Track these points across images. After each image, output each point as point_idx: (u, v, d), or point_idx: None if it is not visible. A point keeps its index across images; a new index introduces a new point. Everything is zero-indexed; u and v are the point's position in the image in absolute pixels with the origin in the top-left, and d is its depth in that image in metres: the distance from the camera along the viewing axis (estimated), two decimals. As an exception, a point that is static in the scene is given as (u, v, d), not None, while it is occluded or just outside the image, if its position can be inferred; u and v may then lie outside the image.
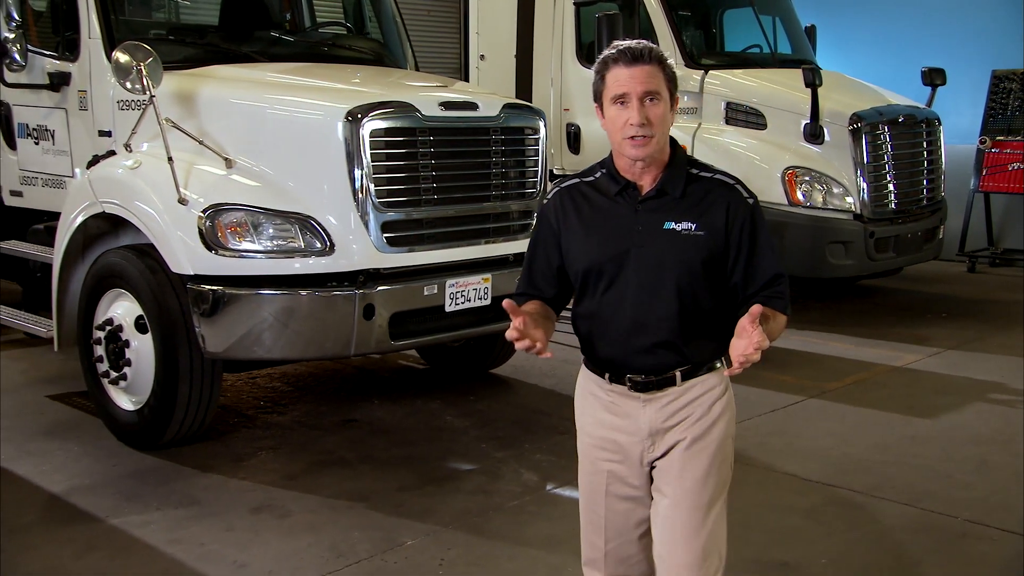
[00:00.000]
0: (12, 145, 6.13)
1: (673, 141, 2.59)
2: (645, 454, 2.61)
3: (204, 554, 3.96)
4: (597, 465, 2.69)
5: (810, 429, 5.53)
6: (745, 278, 2.55)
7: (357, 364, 6.80)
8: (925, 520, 4.31)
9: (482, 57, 9.68)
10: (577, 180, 2.66)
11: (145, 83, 4.75)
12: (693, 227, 2.51)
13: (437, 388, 6.29)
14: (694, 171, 2.57)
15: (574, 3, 8.86)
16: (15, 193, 6.24)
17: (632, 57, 2.45)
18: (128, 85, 4.81)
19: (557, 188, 2.69)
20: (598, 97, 2.55)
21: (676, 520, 2.57)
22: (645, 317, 2.53)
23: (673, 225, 2.51)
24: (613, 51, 2.50)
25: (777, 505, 4.47)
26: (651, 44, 2.50)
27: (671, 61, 2.54)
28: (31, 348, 6.95)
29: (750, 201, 2.57)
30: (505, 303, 2.42)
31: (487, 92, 5.99)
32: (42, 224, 6.07)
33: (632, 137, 2.46)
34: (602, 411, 2.66)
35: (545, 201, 2.71)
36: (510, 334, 2.41)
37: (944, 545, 4.09)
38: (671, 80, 2.50)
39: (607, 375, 2.62)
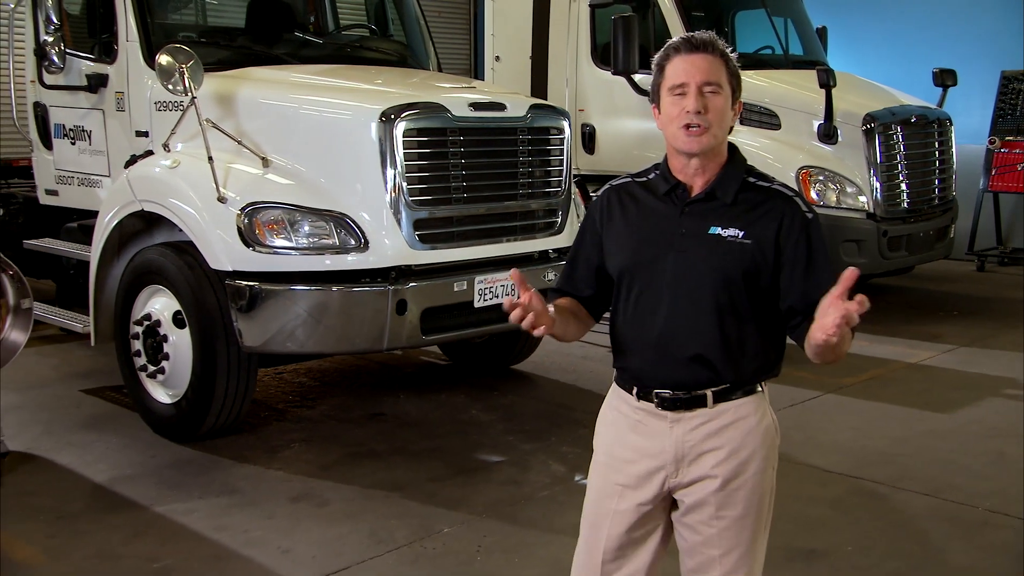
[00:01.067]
0: (48, 145, 6.27)
1: (732, 146, 2.42)
2: (668, 479, 2.43)
3: (249, 540, 4.09)
4: (609, 488, 2.51)
5: (830, 423, 5.64)
6: (803, 299, 2.31)
7: (381, 360, 6.92)
8: (946, 509, 4.43)
9: (497, 58, 9.79)
10: (629, 179, 2.52)
11: (187, 84, 4.88)
12: (740, 234, 2.32)
13: (461, 383, 6.40)
14: (751, 179, 2.40)
15: (589, 5, 8.92)
16: (50, 192, 6.37)
17: (694, 46, 2.30)
18: (170, 87, 4.94)
19: (608, 186, 2.55)
20: (655, 94, 2.37)
21: (712, 560, 2.43)
22: (678, 326, 2.36)
23: (719, 230, 2.33)
24: (675, 40, 2.35)
25: (802, 496, 4.57)
26: (716, 36, 2.34)
27: (735, 55, 2.37)
28: (61, 344, 7.08)
29: (808, 215, 2.37)
30: (512, 272, 2.30)
31: (513, 93, 6.10)
32: (75, 222, 6.21)
33: (687, 126, 2.28)
34: (627, 431, 2.49)
35: (594, 198, 2.58)
36: (506, 304, 2.26)
37: (966, 533, 4.21)
38: (734, 76, 2.33)
39: (635, 389, 2.45)
